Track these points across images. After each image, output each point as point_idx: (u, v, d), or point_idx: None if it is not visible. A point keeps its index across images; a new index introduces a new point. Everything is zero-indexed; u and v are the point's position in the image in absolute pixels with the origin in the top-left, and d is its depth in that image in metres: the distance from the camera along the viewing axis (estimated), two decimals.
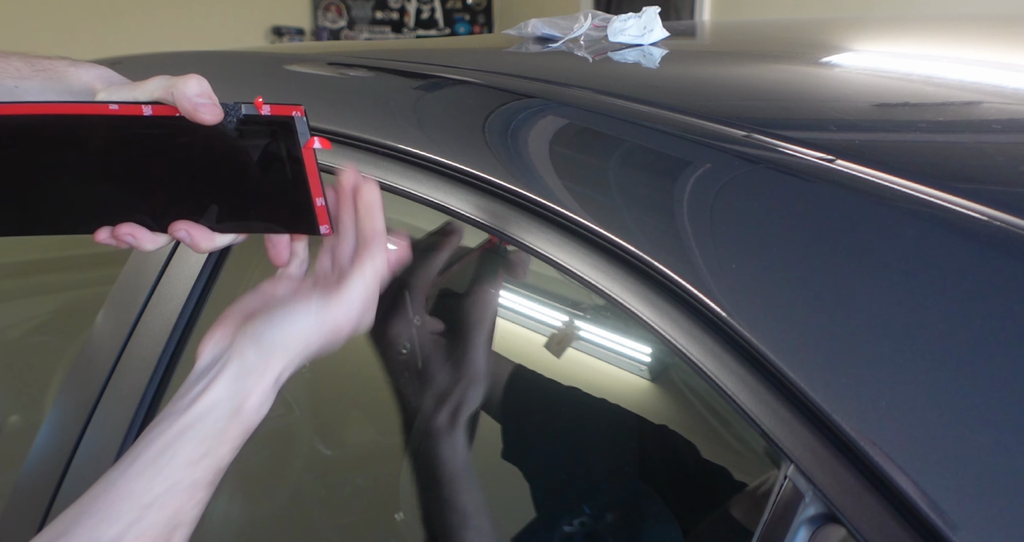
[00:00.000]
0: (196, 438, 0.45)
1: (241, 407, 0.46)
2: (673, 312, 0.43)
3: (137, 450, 0.45)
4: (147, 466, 0.44)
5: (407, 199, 0.61)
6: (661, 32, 0.80)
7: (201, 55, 0.96)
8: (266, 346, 0.48)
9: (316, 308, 0.48)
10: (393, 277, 0.51)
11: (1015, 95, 0.61)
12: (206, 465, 0.45)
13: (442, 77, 0.67)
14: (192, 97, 0.46)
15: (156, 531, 0.43)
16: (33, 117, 0.46)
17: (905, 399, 0.34)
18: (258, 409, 0.47)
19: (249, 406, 0.47)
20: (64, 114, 0.46)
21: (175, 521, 0.44)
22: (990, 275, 0.35)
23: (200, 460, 0.45)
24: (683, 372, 0.44)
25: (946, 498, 0.32)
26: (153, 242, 0.51)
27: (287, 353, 0.48)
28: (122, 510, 0.42)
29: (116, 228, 0.50)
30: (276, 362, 0.47)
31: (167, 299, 0.77)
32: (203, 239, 0.51)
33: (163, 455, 0.44)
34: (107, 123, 0.46)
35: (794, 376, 0.37)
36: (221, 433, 0.46)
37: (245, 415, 0.47)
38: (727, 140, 0.47)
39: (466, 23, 5.93)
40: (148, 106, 0.47)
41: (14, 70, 0.51)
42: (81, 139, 0.47)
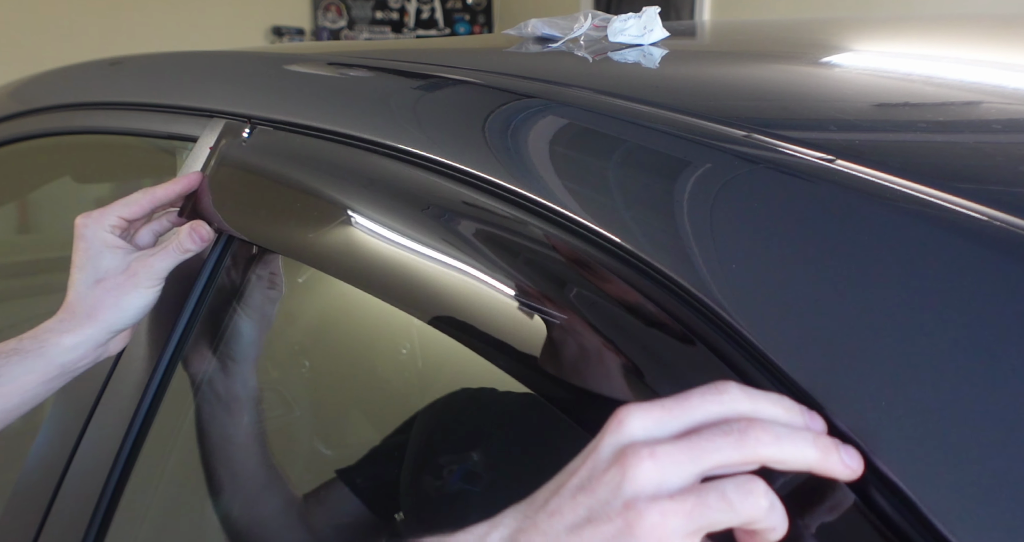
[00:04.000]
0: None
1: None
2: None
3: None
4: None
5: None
6: (661, 32, 0.80)
7: (201, 55, 0.96)
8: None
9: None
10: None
11: (1015, 95, 0.61)
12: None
13: (442, 77, 0.67)
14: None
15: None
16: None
17: (905, 399, 0.34)
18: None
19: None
20: None
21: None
22: (990, 275, 0.35)
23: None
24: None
25: (946, 498, 0.32)
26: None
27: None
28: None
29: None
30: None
31: (167, 299, 0.77)
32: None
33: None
34: None
35: (794, 376, 0.37)
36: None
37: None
38: (727, 140, 0.47)
39: (466, 23, 5.93)
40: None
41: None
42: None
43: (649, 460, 0.33)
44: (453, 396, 0.78)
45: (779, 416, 0.35)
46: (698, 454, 0.34)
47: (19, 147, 1.16)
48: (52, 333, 0.66)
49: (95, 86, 1.07)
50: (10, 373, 0.64)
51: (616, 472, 0.34)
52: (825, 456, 0.33)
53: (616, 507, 0.33)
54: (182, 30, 4.89)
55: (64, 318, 0.66)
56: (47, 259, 1.53)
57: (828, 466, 0.33)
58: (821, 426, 0.35)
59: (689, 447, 0.34)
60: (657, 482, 0.33)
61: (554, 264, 0.50)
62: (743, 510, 0.32)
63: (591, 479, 0.35)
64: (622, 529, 0.33)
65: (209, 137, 0.80)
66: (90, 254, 0.67)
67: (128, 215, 0.70)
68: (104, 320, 0.67)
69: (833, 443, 0.33)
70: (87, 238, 0.68)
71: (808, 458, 0.33)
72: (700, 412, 0.35)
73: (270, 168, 0.73)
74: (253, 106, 0.78)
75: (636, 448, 0.34)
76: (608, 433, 0.36)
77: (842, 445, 0.34)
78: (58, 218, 1.57)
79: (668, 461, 0.33)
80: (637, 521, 0.33)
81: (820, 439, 0.33)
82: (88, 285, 0.67)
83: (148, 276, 0.68)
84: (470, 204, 0.55)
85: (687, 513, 0.32)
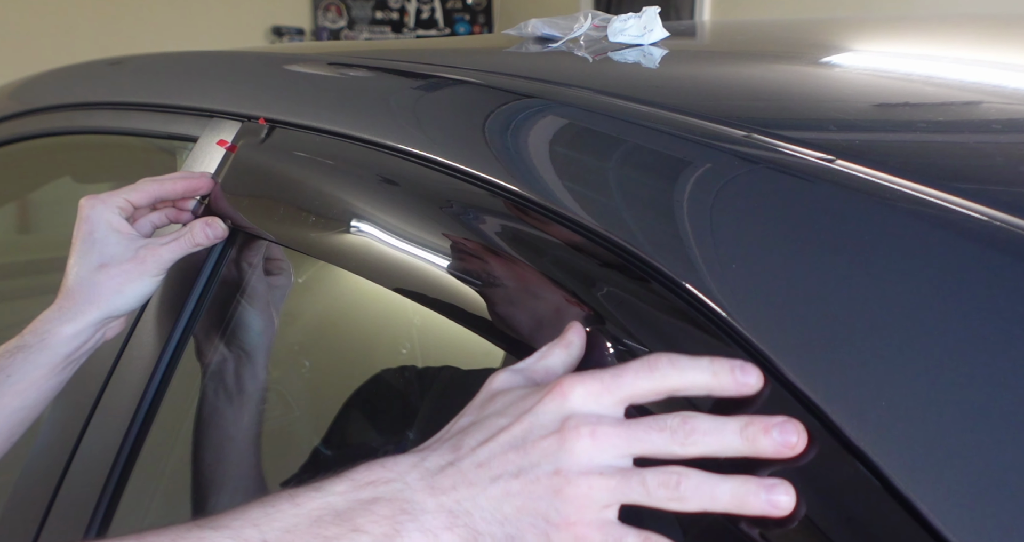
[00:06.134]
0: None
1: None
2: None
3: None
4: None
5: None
6: (661, 32, 0.80)
7: (201, 55, 0.96)
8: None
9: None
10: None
11: (1015, 95, 0.61)
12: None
13: (442, 77, 0.67)
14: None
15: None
16: None
17: (905, 399, 0.34)
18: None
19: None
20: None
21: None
22: (990, 275, 0.35)
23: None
24: None
25: (946, 498, 0.32)
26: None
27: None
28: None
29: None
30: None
31: (167, 298, 0.77)
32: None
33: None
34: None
35: (794, 376, 0.37)
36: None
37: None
38: (727, 140, 0.47)
39: (466, 23, 5.93)
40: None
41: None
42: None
43: (589, 438, 0.37)
44: (452, 395, 0.78)
45: (708, 383, 0.37)
46: (633, 442, 0.37)
47: (19, 147, 1.16)
48: (52, 323, 0.65)
49: (95, 86, 1.07)
50: (20, 371, 0.64)
51: (555, 441, 0.37)
52: (752, 442, 0.35)
53: (546, 471, 0.37)
54: (182, 30, 4.89)
55: (64, 305, 0.66)
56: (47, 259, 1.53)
57: (758, 449, 0.35)
58: (756, 379, 0.37)
59: (627, 434, 0.37)
60: (590, 458, 0.37)
61: (555, 265, 0.50)
62: (656, 496, 0.36)
63: (526, 440, 0.38)
64: (548, 491, 0.36)
65: (210, 137, 0.80)
66: (95, 237, 0.66)
67: (135, 200, 0.69)
68: (105, 306, 0.66)
69: (763, 427, 0.35)
70: (92, 220, 0.66)
71: (736, 447, 0.36)
72: (634, 387, 0.38)
73: (287, 167, 0.73)
74: (253, 106, 0.79)
75: (577, 423, 0.37)
76: (549, 399, 0.38)
77: (779, 424, 0.35)
78: (58, 218, 1.57)
79: (606, 443, 0.37)
80: (564, 487, 0.36)
81: (749, 427, 0.36)
82: (91, 269, 0.66)
83: (156, 264, 0.67)
84: (479, 204, 0.55)
85: (610, 489, 0.36)
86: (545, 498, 0.37)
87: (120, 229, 0.67)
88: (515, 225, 0.53)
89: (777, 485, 0.35)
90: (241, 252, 0.77)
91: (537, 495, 0.37)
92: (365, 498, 0.38)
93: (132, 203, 0.69)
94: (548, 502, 0.36)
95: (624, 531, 0.37)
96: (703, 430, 0.36)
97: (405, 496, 0.38)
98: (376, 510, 0.38)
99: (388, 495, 0.38)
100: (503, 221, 0.53)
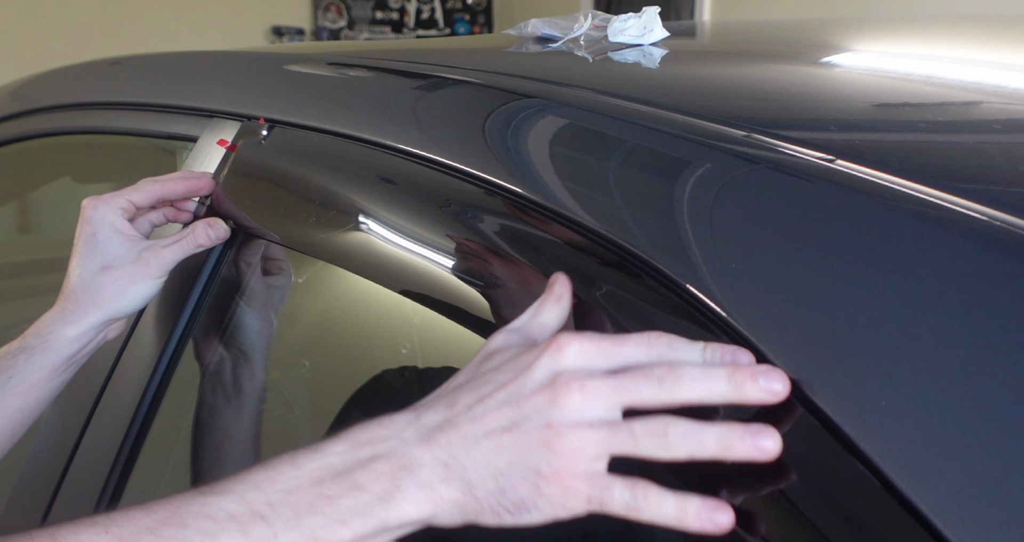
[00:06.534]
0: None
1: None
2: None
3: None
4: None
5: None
6: (661, 32, 0.80)
7: (201, 55, 0.96)
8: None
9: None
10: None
11: (1015, 95, 0.61)
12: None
13: (442, 77, 0.67)
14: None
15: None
16: None
17: (905, 399, 0.34)
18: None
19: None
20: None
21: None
22: (990, 275, 0.35)
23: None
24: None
25: (946, 498, 0.32)
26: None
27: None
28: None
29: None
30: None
31: (168, 299, 0.77)
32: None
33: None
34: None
35: (794, 376, 0.37)
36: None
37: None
38: (727, 140, 0.47)
39: (466, 23, 5.93)
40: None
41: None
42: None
43: (579, 393, 0.38)
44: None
45: (698, 359, 0.39)
46: (622, 393, 0.38)
47: (19, 147, 1.16)
48: (55, 325, 0.65)
49: (95, 86, 1.07)
50: (22, 373, 0.64)
51: (547, 395, 0.38)
52: (739, 389, 0.36)
53: (538, 424, 0.38)
54: (182, 30, 4.89)
55: (66, 307, 0.66)
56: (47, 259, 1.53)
57: (744, 395, 0.36)
58: (748, 359, 0.38)
59: (615, 385, 0.38)
60: (580, 411, 0.38)
61: (555, 265, 0.50)
62: (644, 445, 0.37)
63: (519, 395, 0.39)
64: (540, 444, 0.38)
65: (210, 137, 0.80)
66: (98, 239, 0.66)
67: (137, 201, 0.69)
68: (108, 308, 0.66)
69: (750, 374, 0.36)
70: (95, 221, 0.66)
71: (723, 393, 0.37)
72: (629, 355, 0.39)
73: (288, 167, 0.73)
74: (253, 106, 0.79)
75: (568, 379, 0.38)
76: (545, 356, 0.39)
77: (765, 372, 0.36)
78: (58, 218, 1.58)
79: (595, 396, 0.38)
80: (555, 440, 0.38)
81: (736, 374, 0.37)
82: (94, 271, 0.66)
83: (159, 266, 0.67)
84: (479, 204, 0.55)
85: (599, 441, 0.38)
86: (536, 451, 0.38)
87: (123, 231, 0.67)
88: (515, 225, 0.53)
89: (763, 431, 0.35)
90: (241, 252, 0.77)
91: (528, 448, 0.38)
92: (364, 457, 0.39)
93: (134, 204, 0.69)
94: (539, 455, 0.38)
95: (612, 481, 0.38)
96: (691, 377, 0.37)
97: (402, 452, 0.39)
98: (375, 467, 0.39)
99: (386, 452, 0.39)
100: (503, 221, 0.53)
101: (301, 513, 0.38)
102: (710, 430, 0.36)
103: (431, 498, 0.39)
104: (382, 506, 0.38)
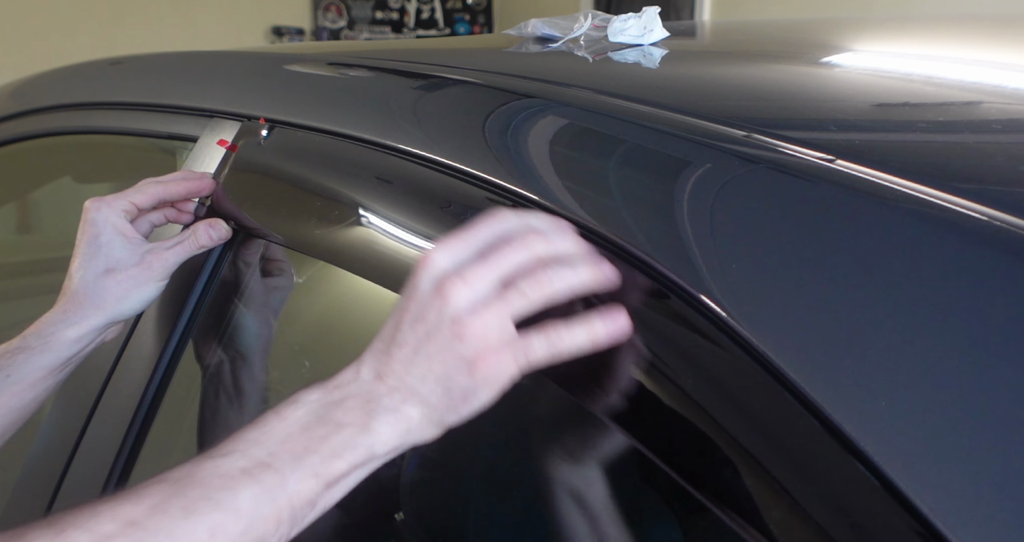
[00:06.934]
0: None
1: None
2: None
3: None
4: None
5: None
6: (661, 32, 0.80)
7: (201, 55, 0.96)
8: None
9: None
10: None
11: (1015, 95, 0.61)
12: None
13: (442, 77, 0.67)
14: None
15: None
16: None
17: (905, 399, 0.34)
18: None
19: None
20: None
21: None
22: (990, 275, 0.35)
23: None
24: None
25: (946, 498, 0.32)
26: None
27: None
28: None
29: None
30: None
31: (168, 298, 0.77)
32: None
33: None
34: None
35: (794, 376, 0.37)
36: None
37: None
38: (727, 140, 0.47)
39: (466, 23, 5.93)
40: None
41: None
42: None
43: (461, 284, 0.44)
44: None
45: (543, 224, 0.46)
46: (495, 266, 0.45)
47: (19, 147, 1.16)
48: (56, 326, 0.65)
49: (95, 86, 1.07)
50: (20, 372, 0.64)
51: (438, 300, 0.44)
52: (574, 237, 0.46)
53: (446, 324, 0.44)
54: (182, 30, 4.90)
55: (68, 308, 0.65)
56: (47, 259, 1.53)
57: (565, 248, 0.45)
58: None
59: (486, 262, 0.45)
60: (469, 298, 0.44)
61: None
62: (533, 297, 0.44)
63: (421, 311, 0.45)
64: (454, 339, 0.44)
65: (210, 137, 0.80)
66: (101, 241, 0.66)
67: (139, 203, 0.69)
68: (111, 311, 0.66)
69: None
70: (98, 223, 0.66)
71: (570, 245, 0.46)
72: (486, 233, 0.46)
73: (289, 167, 0.73)
74: (253, 106, 0.79)
75: (447, 277, 0.44)
76: (422, 272, 0.46)
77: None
78: (58, 218, 1.58)
79: (474, 279, 0.44)
80: (464, 330, 0.44)
81: (577, 237, 0.46)
82: (97, 274, 0.66)
83: (162, 269, 0.67)
84: (479, 204, 0.55)
85: (497, 312, 0.44)
86: (455, 346, 0.44)
87: (126, 233, 0.67)
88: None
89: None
90: (241, 253, 0.77)
91: (448, 346, 0.44)
92: (336, 399, 0.45)
93: (136, 206, 0.69)
94: (458, 347, 0.44)
95: (527, 338, 0.44)
96: (546, 229, 0.45)
97: (365, 389, 0.46)
98: (348, 405, 0.45)
99: (353, 392, 0.46)
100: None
101: (300, 456, 0.43)
102: (579, 267, 0.44)
103: (400, 419, 0.45)
104: (364, 435, 0.44)
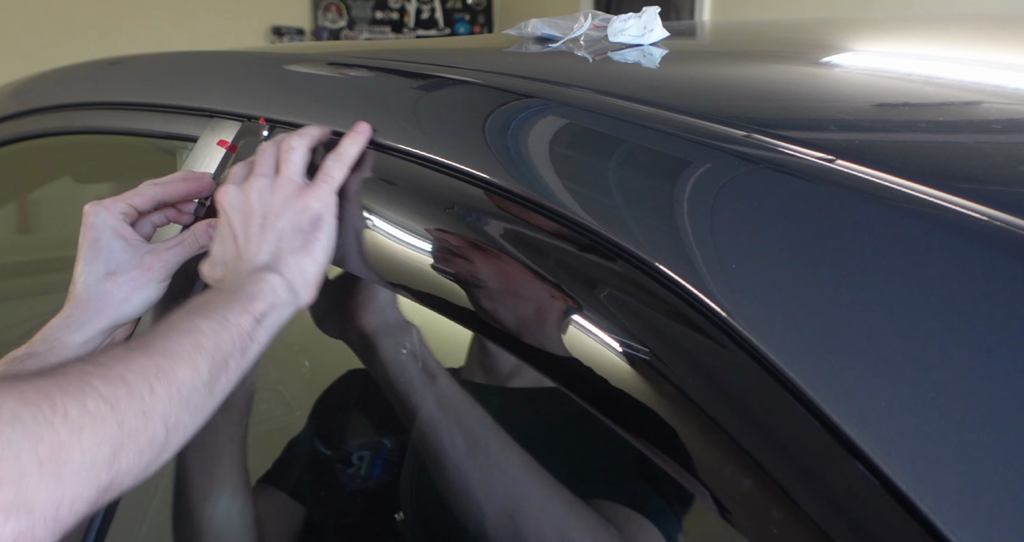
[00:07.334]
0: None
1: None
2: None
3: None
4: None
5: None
6: (661, 32, 0.80)
7: (201, 55, 0.96)
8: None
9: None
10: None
11: (1015, 95, 0.61)
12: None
13: (442, 77, 0.67)
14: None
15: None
16: None
17: (905, 399, 0.34)
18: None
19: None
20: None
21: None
22: (990, 275, 0.35)
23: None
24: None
25: (946, 498, 0.32)
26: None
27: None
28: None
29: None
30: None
31: (168, 299, 0.77)
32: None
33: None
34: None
35: (794, 376, 0.37)
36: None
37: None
38: (727, 140, 0.47)
39: (466, 23, 5.93)
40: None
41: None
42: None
43: (253, 180, 0.61)
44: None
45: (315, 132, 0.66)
46: (258, 168, 0.62)
47: (19, 147, 1.16)
48: (61, 332, 0.65)
49: (95, 86, 1.07)
50: None
51: (246, 187, 0.61)
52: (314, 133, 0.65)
53: (267, 202, 0.60)
54: (182, 30, 4.90)
55: (72, 313, 0.65)
56: (47, 259, 1.53)
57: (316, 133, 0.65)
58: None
59: (261, 153, 0.63)
60: (264, 184, 0.61)
61: (555, 265, 0.50)
62: (287, 156, 0.62)
63: (245, 219, 0.60)
64: (284, 205, 0.60)
65: (210, 137, 0.80)
66: (101, 244, 0.66)
67: (139, 205, 0.69)
68: (114, 314, 0.66)
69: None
70: (97, 227, 0.66)
71: (318, 132, 0.66)
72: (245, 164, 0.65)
73: None
74: (253, 106, 0.79)
75: (249, 181, 0.61)
76: (223, 199, 0.61)
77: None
78: (58, 218, 1.58)
79: (255, 177, 0.61)
80: (277, 192, 0.61)
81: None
82: (99, 278, 0.66)
83: (163, 270, 0.67)
84: (479, 205, 0.55)
85: (284, 178, 0.61)
86: (283, 212, 0.60)
87: (125, 236, 0.67)
88: (515, 226, 0.53)
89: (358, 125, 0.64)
90: None
91: (280, 212, 0.60)
92: (230, 289, 0.56)
93: (136, 208, 0.69)
94: (280, 205, 0.60)
95: (303, 172, 0.62)
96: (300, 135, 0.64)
97: (254, 278, 0.57)
98: (238, 282, 0.57)
99: (238, 282, 0.57)
100: (503, 222, 0.53)
101: (228, 302, 0.54)
102: (308, 132, 0.64)
103: (283, 272, 0.58)
104: (264, 287, 0.56)
